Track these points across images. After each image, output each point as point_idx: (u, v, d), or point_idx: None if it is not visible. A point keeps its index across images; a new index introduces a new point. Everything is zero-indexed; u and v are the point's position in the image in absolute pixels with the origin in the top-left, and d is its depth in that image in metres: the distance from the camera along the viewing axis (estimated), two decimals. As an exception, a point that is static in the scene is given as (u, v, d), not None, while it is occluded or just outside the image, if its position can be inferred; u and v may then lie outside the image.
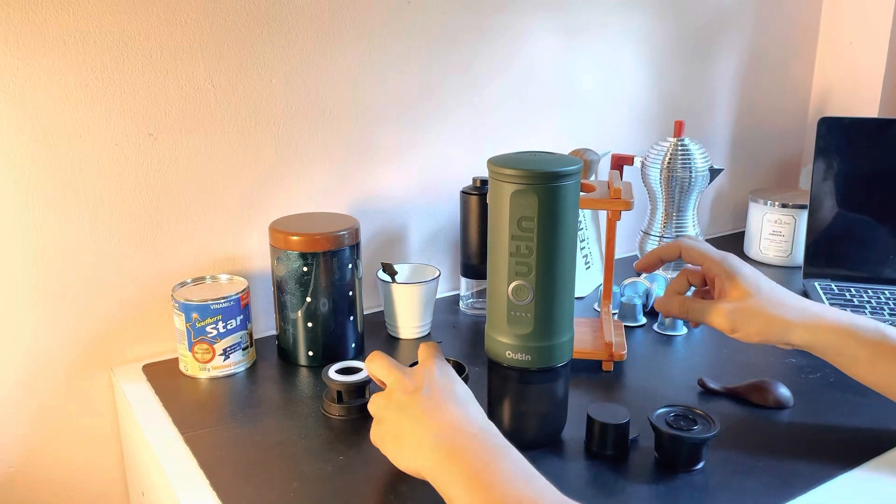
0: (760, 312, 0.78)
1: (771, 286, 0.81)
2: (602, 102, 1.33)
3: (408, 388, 0.68)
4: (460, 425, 0.63)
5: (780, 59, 1.55)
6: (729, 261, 0.82)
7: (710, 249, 0.84)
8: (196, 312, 0.90)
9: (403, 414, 0.66)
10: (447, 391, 0.67)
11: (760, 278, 0.81)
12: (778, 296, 0.80)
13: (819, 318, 0.78)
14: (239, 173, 1.01)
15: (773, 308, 0.78)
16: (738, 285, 0.80)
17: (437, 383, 0.68)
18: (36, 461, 0.96)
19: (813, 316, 0.78)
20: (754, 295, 0.79)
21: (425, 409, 0.65)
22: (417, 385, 0.68)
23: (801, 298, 0.81)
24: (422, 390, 0.67)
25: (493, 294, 0.74)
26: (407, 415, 0.66)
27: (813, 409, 0.86)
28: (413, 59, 1.11)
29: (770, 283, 0.81)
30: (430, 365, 0.71)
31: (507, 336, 0.74)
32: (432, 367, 0.70)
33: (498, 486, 0.57)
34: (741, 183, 1.58)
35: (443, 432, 0.63)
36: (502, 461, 0.60)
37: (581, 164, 0.71)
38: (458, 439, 0.62)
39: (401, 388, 0.68)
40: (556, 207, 0.70)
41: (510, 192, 0.69)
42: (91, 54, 0.88)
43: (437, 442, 0.62)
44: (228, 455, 0.77)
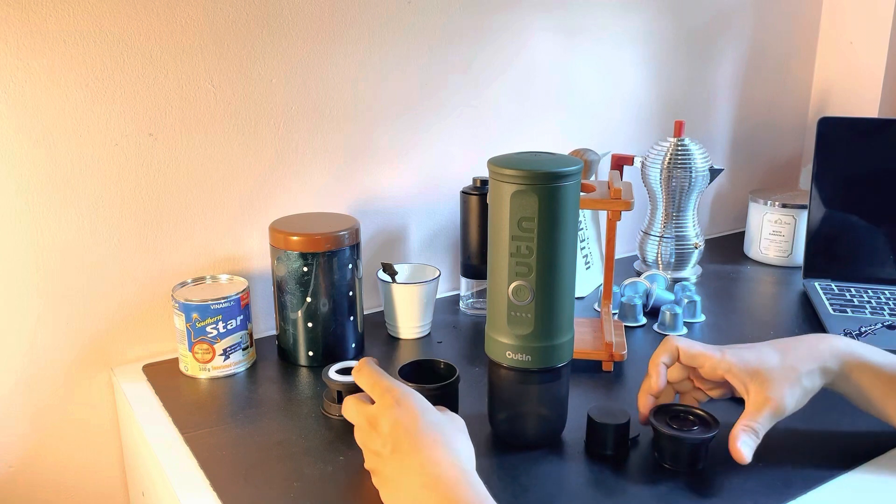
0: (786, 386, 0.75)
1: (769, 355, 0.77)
2: (602, 102, 1.33)
3: (377, 440, 0.66)
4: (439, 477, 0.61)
5: (780, 58, 1.55)
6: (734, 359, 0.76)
7: (708, 348, 0.78)
8: (196, 312, 0.90)
9: (384, 465, 0.65)
10: (413, 435, 0.64)
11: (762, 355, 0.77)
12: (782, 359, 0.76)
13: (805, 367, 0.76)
14: (239, 173, 1.01)
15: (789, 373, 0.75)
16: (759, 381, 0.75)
17: (404, 430, 0.64)
18: (36, 461, 0.96)
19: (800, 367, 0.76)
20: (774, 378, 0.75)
21: (402, 468, 0.63)
22: (384, 443, 0.65)
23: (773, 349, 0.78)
24: (389, 446, 0.64)
25: (493, 294, 0.74)
26: (386, 466, 0.65)
27: (813, 409, 0.86)
28: (413, 59, 1.11)
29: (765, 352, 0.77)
30: (387, 404, 0.66)
31: (507, 336, 0.74)
32: (391, 406, 0.66)
33: None
34: (741, 183, 1.58)
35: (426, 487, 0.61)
36: None
37: (581, 165, 0.71)
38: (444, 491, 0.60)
39: (372, 440, 0.67)
40: (557, 208, 0.70)
41: (510, 192, 0.69)
42: (91, 54, 0.88)
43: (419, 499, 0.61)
44: (228, 455, 0.77)
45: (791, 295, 1.22)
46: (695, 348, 0.78)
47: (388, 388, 0.68)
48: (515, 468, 0.75)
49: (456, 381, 0.82)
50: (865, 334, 1.02)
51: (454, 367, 0.84)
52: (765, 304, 1.22)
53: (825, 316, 1.09)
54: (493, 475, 0.74)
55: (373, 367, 0.71)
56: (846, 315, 1.09)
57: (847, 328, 1.04)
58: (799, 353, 0.77)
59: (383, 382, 0.68)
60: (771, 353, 0.77)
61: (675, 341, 0.79)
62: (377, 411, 0.67)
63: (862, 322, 1.06)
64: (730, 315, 1.13)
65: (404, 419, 0.65)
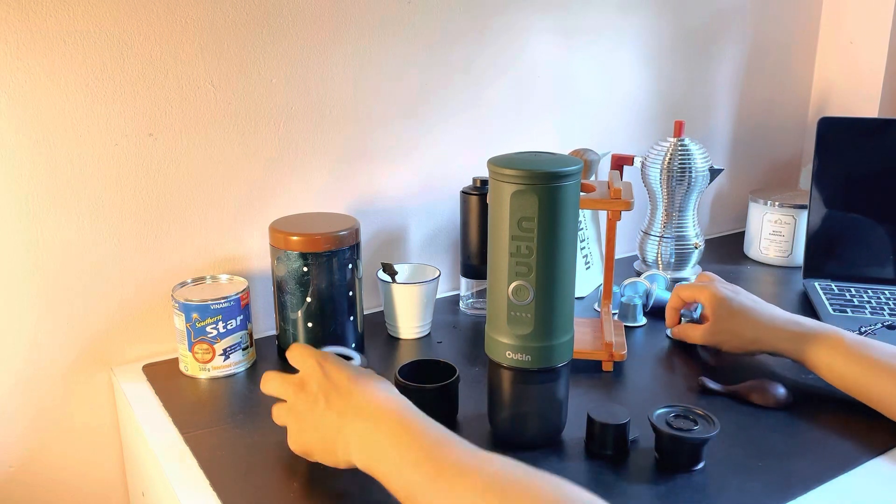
0: (736, 334, 0.93)
1: (744, 307, 0.94)
2: (602, 102, 1.33)
3: (307, 399, 0.70)
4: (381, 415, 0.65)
5: (780, 58, 1.55)
6: (711, 291, 0.95)
7: (696, 286, 0.99)
8: (196, 312, 0.90)
9: (319, 421, 0.69)
10: (344, 385, 0.69)
11: (737, 302, 0.94)
12: (749, 316, 0.93)
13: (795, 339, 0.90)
14: (239, 173, 1.01)
15: (749, 330, 0.92)
16: (713, 312, 0.95)
17: (333, 385, 0.70)
18: (36, 461, 0.96)
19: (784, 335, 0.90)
20: (729, 318, 0.94)
21: (340, 414, 0.67)
22: (315, 399, 0.69)
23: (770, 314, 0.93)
24: (321, 404, 0.69)
25: (493, 294, 0.74)
26: (323, 421, 0.69)
27: (813, 409, 0.86)
28: (413, 59, 1.11)
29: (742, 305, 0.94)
30: (311, 366, 0.72)
31: (507, 336, 0.74)
32: (315, 367, 0.71)
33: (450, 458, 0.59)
34: (741, 183, 1.58)
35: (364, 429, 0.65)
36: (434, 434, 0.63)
37: (581, 165, 0.71)
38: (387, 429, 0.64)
39: (303, 401, 0.70)
40: (556, 208, 0.70)
41: (510, 192, 0.69)
42: (91, 54, 0.88)
43: (366, 433, 0.65)
44: (228, 455, 0.77)
45: (791, 295, 1.22)
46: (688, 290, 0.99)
47: (310, 354, 0.73)
48: (515, 468, 0.74)
49: (456, 381, 0.82)
50: (865, 334, 1.02)
51: (454, 367, 0.84)
52: (765, 304, 1.21)
53: (825, 316, 1.09)
54: (493, 475, 0.73)
55: (303, 346, 0.75)
56: (846, 315, 1.09)
57: (847, 328, 1.04)
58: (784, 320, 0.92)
59: (307, 352, 0.73)
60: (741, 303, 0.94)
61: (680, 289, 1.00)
62: (303, 375, 0.71)
63: (862, 322, 1.06)
64: (730, 315, 1.13)
65: (333, 374, 0.70)
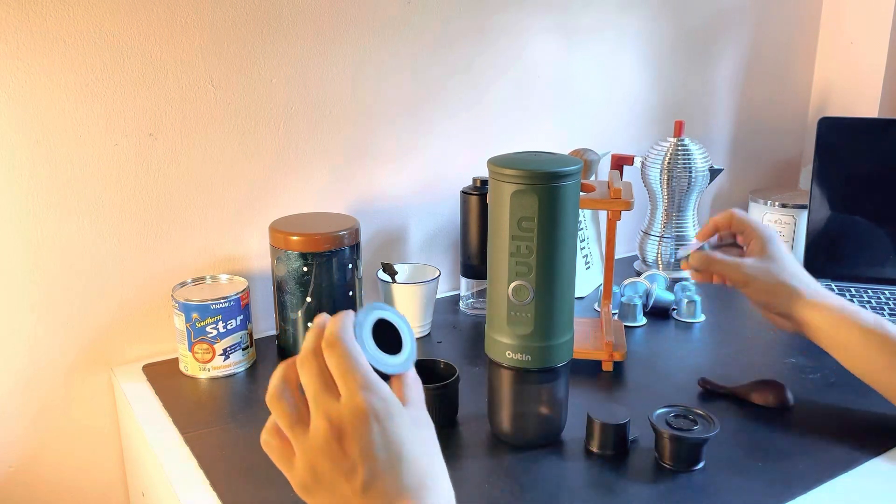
0: (776, 276, 0.85)
1: (793, 260, 0.88)
2: (602, 102, 1.33)
3: (342, 463, 0.49)
4: None
5: (780, 59, 1.55)
6: (767, 230, 0.89)
7: (755, 219, 0.92)
8: (196, 312, 0.90)
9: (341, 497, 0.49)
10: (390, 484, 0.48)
11: (787, 252, 0.88)
12: (796, 269, 0.87)
13: (825, 298, 0.85)
14: (239, 173, 1.01)
15: (788, 277, 0.85)
16: (765, 249, 0.87)
17: (379, 467, 0.48)
18: (36, 461, 0.96)
19: (820, 295, 0.85)
20: (777, 261, 0.86)
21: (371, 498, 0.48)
22: (352, 465, 0.48)
23: (815, 281, 0.88)
24: (360, 477, 0.48)
25: (493, 294, 0.74)
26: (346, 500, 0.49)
27: (813, 409, 0.86)
28: (413, 59, 1.11)
29: (793, 258, 0.88)
30: (359, 408, 0.49)
31: (507, 336, 0.74)
32: (364, 413, 0.48)
33: None
34: (741, 183, 1.58)
35: None
36: None
37: (581, 164, 0.71)
38: None
39: (332, 461, 0.49)
40: (556, 207, 0.70)
41: (510, 192, 0.69)
42: (91, 54, 0.88)
43: None
44: (228, 455, 0.77)
45: (791, 295, 1.22)
46: (746, 216, 0.91)
47: (364, 385, 0.49)
48: (515, 468, 0.75)
49: (456, 381, 0.82)
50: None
51: (454, 367, 0.84)
52: (765, 304, 1.21)
53: (825, 316, 1.08)
54: (493, 475, 0.74)
55: (348, 348, 0.50)
56: (846, 315, 1.09)
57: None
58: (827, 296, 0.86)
59: (359, 374, 0.49)
60: (791, 261, 0.87)
61: (734, 211, 0.91)
62: (347, 418, 0.49)
63: (862, 322, 1.06)
64: (730, 315, 1.13)
65: (391, 432, 0.49)
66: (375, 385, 0.49)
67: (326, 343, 0.50)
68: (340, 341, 0.50)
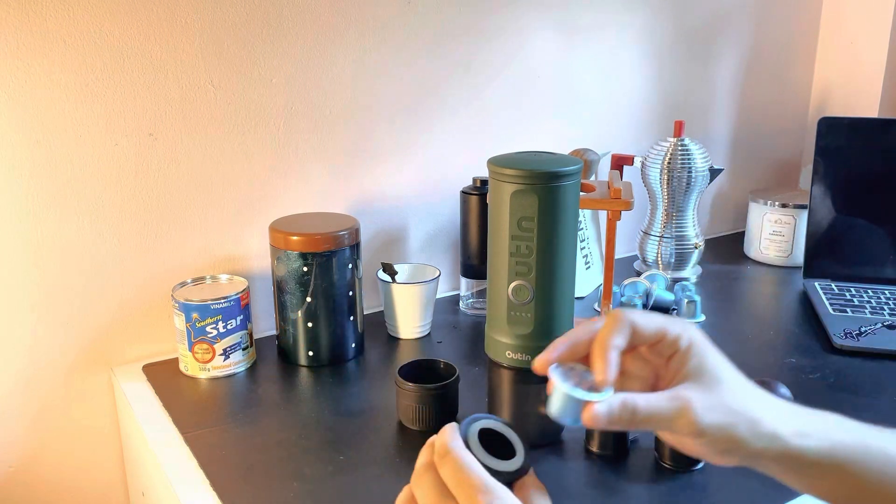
0: (736, 408, 0.51)
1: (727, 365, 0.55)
2: (602, 102, 1.33)
3: None
4: None
5: (780, 59, 1.55)
6: (685, 326, 0.54)
7: (655, 315, 0.54)
8: (196, 312, 0.90)
9: None
10: None
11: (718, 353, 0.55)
12: (745, 383, 0.55)
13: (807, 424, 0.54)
14: (239, 173, 1.01)
15: (752, 403, 0.53)
16: (703, 365, 0.52)
17: None
18: (36, 461, 0.96)
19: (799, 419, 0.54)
20: (723, 378, 0.53)
21: None
22: None
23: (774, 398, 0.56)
24: None
25: (493, 294, 0.74)
26: None
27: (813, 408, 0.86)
28: (413, 59, 1.11)
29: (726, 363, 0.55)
30: None
31: (507, 336, 0.74)
32: None
33: None
34: (741, 183, 1.58)
35: None
36: None
37: (581, 164, 0.71)
38: None
39: None
40: (556, 207, 0.70)
41: (510, 192, 0.69)
42: (91, 54, 0.88)
43: None
44: (228, 455, 0.77)
45: (791, 295, 1.22)
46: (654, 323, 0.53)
47: (481, 488, 0.47)
48: (515, 468, 0.75)
49: (456, 381, 0.82)
50: (865, 334, 1.02)
51: (454, 367, 0.84)
52: (765, 304, 1.22)
53: (825, 316, 1.09)
54: (493, 475, 0.73)
55: (460, 456, 0.49)
56: (846, 315, 1.09)
57: (847, 328, 1.04)
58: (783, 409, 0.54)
59: (474, 479, 0.48)
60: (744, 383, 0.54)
61: (628, 315, 0.52)
62: None
63: (862, 322, 1.06)
64: (730, 315, 1.13)
65: None
66: (493, 488, 0.48)
67: (438, 455, 0.50)
68: (452, 451, 0.49)
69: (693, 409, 0.49)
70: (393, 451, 0.78)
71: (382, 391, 0.90)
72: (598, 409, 0.49)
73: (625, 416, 0.49)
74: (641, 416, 0.49)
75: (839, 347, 1.00)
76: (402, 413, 0.83)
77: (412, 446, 0.79)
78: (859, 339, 1.01)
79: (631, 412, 0.49)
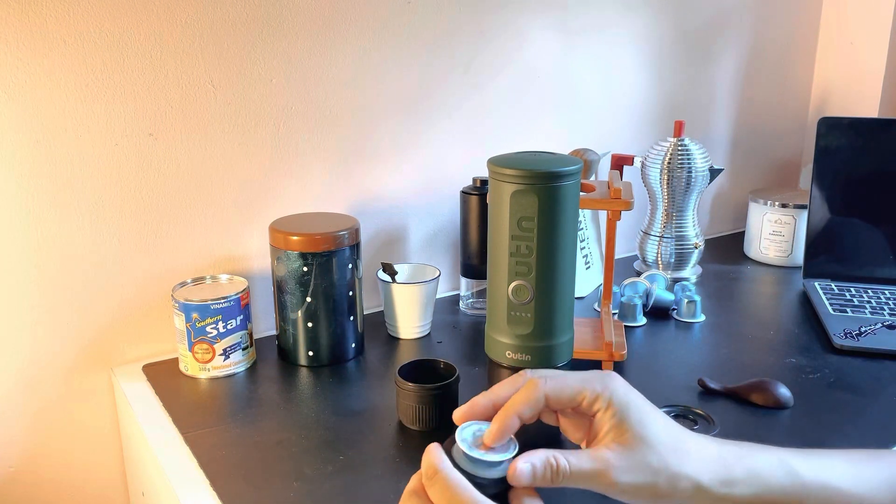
0: (657, 466, 0.51)
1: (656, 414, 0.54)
2: (602, 102, 1.33)
3: None
4: None
5: (780, 59, 1.55)
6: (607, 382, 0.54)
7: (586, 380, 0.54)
8: (196, 312, 0.90)
9: None
10: None
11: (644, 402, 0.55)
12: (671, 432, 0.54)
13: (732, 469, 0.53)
14: (239, 173, 1.01)
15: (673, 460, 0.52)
16: (623, 422, 0.52)
17: None
18: (36, 461, 0.96)
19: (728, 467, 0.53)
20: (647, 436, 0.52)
21: None
22: None
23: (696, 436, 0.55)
24: None
25: (493, 294, 0.74)
26: None
27: (813, 409, 0.86)
28: (413, 59, 1.11)
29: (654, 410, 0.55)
30: None
31: (507, 336, 0.74)
32: None
33: None
34: (741, 183, 1.58)
35: None
36: None
37: (581, 164, 0.71)
38: None
39: None
40: (556, 207, 0.70)
41: (510, 192, 0.69)
42: (91, 54, 0.88)
43: None
44: (228, 455, 0.77)
45: (791, 295, 1.22)
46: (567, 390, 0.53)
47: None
48: (515, 468, 0.74)
49: (456, 381, 0.82)
50: (865, 334, 1.02)
51: (454, 367, 0.84)
52: (765, 304, 1.22)
53: (825, 316, 1.09)
54: (493, 475, 0.73)
55: (448, 475, 0.48)
56: (846, 315, 1.09)
57: (847, 328, 1.04)
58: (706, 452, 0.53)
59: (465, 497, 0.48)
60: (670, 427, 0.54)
61: (542, 386, 0.53)
62: None
63: (862, 322, 1.06)
64: (730, 315, 1.13)
65: None
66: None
67: (426, 477, 0.49)
68: (440, 471, 0.48)
69: (611, 470, 0.50)
70: (393, 451, 0.78)
71: (382, 391, 0.90)
72: (522, 467, 0.50)
73: (547, 474, 0.50)
74: (563, 475, 0.50)
75: (839, 347, 1.00)
76: (402, 413, 0.83)
77: (412, 446, 0.79)
78: (859, 339, 1.01)
79: (553, 471, 0.50)
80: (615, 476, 0.50)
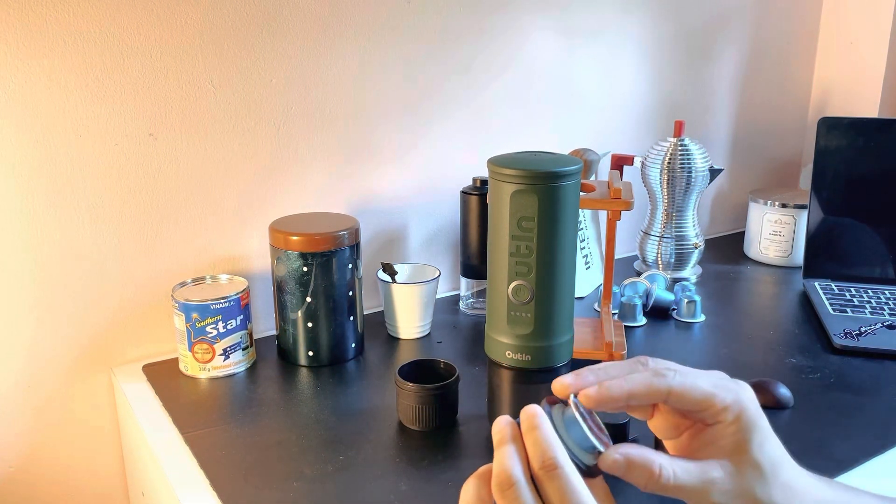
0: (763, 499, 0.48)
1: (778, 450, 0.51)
2: (602, 103, 1.33)
3: None
4: None
5: (780, 59, 1.55)
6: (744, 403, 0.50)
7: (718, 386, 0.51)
8: (196, 312, 0.90)
9: None
10: None
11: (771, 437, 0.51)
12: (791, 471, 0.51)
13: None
14: (239, 173, 1.01)
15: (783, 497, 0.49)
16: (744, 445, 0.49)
17: None
18: (36, 460, 0.96)
19: None
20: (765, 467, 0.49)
21: None
22: None
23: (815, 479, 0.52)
24: None
25: (493, 294, 0.74)
26: None
27: (813, 409, 0.86)
28: (413, 59, 1.11)
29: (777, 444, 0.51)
30: None
31: (507, 336, 0.74)
32: None
33: None
34: (741, 183, 1.58)
35: None
36: None
37: (581, 164, 0.71)
38: None
39: None
40: (556, 207, 0.70)
41: (510, 192, 0.69)
42: (91, 54, 0.88)
43: None
44: (228, 455, 0.77)
45: (791, 295, 1.22)
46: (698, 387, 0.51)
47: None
48: (515, 468, 0.74)
49: (456, 381, 0.82)
50: (865, 334, 1.02)
51: (454, 367, 0.84)
52: (765, 304, 1.22)
53: (825, 316, 1.09)
54: (493, 475, 0.73)
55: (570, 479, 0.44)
56: (846, 315, 1.09)
57: (847, 328, 1.04)
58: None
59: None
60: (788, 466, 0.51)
61: (671, 380, 0.51)
62: None
63: (862, 322, 1.06)
64: (730, 315, 1.13)
65: None
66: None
67: (544, 468, 0.44)
68: (560, 468, 0.44)
69: (713, 488, 0.47)
70: (393, 451, 0.78)
71: (382, 391, 0.90)
72: (616, 460, 0.47)
73: (640, 479, 0.47)
74: (663, 486, 0.47)
75: (839, 347, 1.00)
76: (402, 413, 0.83)
77: (412, 446, 0.79)
78: (859, 339, 1.01)
79: (653, 479, 0.47)
80: (714, 496, 0.47)
